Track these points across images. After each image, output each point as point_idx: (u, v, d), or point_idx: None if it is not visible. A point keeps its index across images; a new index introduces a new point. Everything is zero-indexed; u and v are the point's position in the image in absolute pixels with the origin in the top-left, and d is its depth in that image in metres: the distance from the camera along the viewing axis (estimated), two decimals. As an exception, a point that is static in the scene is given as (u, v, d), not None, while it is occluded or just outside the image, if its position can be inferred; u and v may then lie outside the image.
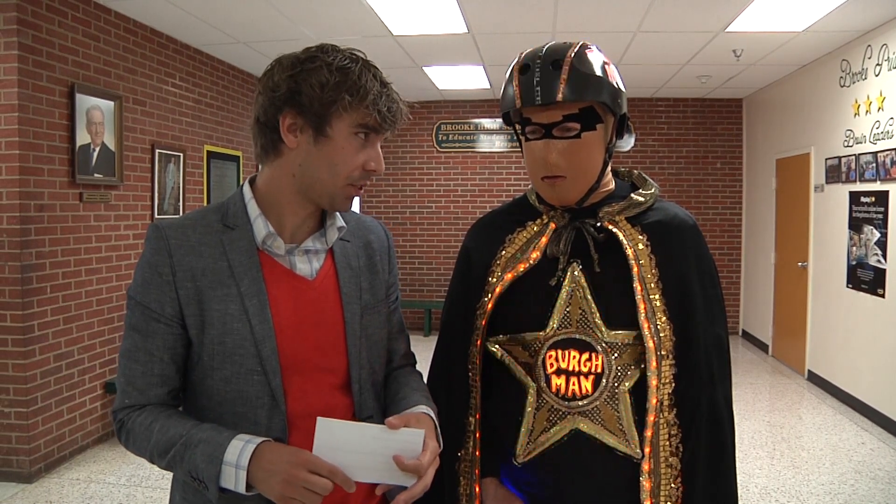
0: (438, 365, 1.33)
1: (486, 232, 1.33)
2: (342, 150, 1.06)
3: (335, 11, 4.37)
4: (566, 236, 1.22)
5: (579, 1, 4.17)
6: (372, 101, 1.05)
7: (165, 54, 4.82)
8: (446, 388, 1.28)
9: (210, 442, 1.00)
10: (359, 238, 1.23)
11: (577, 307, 1.19)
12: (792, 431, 4.54)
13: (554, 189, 1.20)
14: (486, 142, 7.73)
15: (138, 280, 1.08)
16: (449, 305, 1.35)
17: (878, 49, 4.55)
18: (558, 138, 1.16)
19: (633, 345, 1.17)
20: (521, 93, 1.16)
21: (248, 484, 0.97)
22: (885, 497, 3.45)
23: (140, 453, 1.07)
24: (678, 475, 1.16)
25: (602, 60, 1.18)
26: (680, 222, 1.26)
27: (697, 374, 1.17)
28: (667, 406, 1.16)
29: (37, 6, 3.59)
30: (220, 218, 1.11)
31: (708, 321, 1.21)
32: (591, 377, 1.17)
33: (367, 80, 1.05)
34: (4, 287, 3.55)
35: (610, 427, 1.17)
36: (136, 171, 4.51)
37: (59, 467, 3.82)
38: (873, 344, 4.63)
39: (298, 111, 1.05)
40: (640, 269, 1.18)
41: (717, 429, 1.19)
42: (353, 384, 1.14)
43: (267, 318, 1.07)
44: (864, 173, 4.71)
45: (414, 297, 7.77)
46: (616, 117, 1.21)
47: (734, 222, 7.57)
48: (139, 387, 1.07)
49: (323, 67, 1.04)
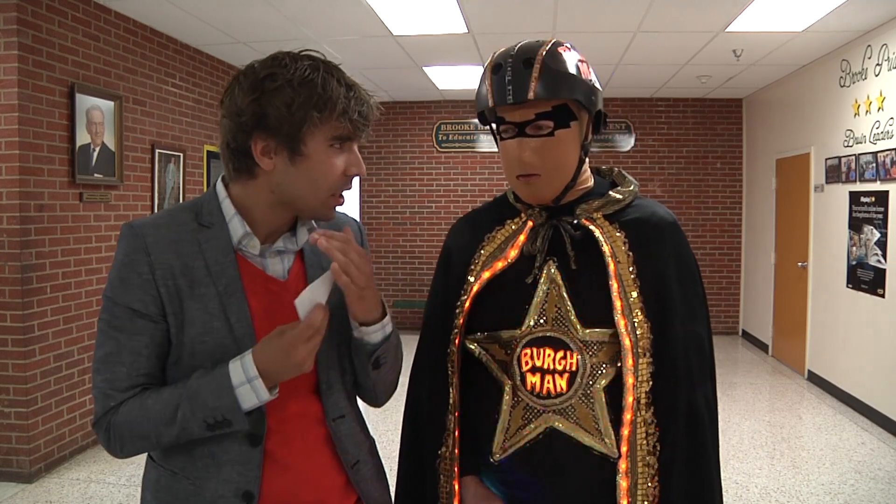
0: (419, 363, 1.33)
1: (467, 230, 1.34)
2: (321, 165, 1.04)
3: (335, 11, 4.37)
4: (543, 234, 1.22)
5: (579, 1, 4.17)
6: (341, 112, 1.02)
7: (165, 54, 4.82)
8: (427, 387, 1.29)
9: (210, 381, 1.00)
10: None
11: (553, 305, 1.19)
12: (792, 431, 4.54)
13: (529, 187, 1.20)
14: (486, 142, 7.73)
15: (115, 281, 1.05)
16: (430, 303, 1.36)
17: (878, 49, 4.55)
18: (532, 136, 1.16)
19: (610, 342, 1.16)
20: (493, 92, 1.16)
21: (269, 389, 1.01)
22: (885, 497, 3.45)
23: (141, 441, 1.04)
24: (656, 474, 1.14)
25: (576, 58, 1.17)
26: (658, 220, 1.24)
27: (675, 373, 1.16)
28: (644, 405, 1.14)
29: (37, 6, 3.59)
30: (193, 217, 1.09)
31: (688, 319, 1.19)
32: (565, 375, 1.17)
33: (332, 89, 1.01)
34: (4, 287, 3.55)
35: (585, 425, 1.16)
36: (136, 171, 4.51)
37: (59, 467, 3.82)
38: (873, 344, 4.63)
39: (269, 134, 1.02)
40: (617, 266, 1.17)
41: (695, 428, 1.16)
42: (320, 385, 1.14)
43: (246, 316, 1.07)
44: (864, 173, 4.71)
45: (414, 297, 7.77)
46: (591, 115, 1.20)
47: (734, 222, 7.57)
48: (122, 388, 1.04)
49: (285, 86, 1.00)
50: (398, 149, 7.82)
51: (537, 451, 1.19)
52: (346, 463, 1.16)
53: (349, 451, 1.16)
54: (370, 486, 1.20)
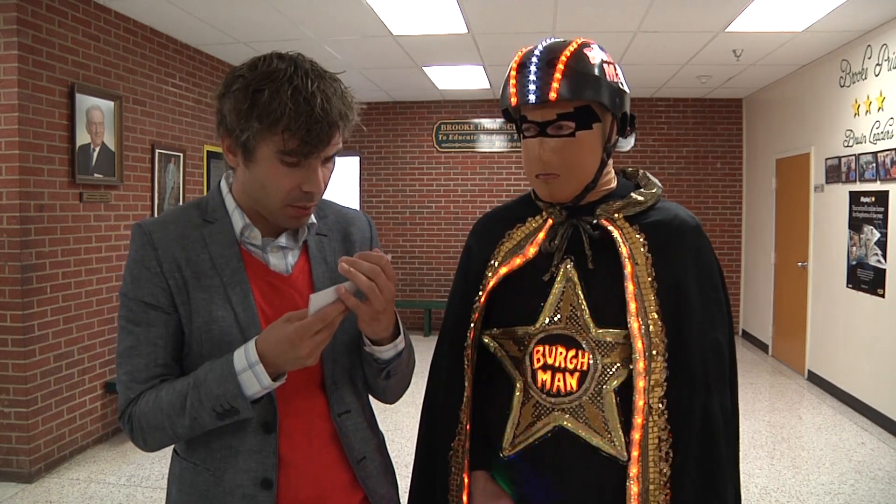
0: (438, 356, 1.34)
1: (489, 227, 1.34)
2: (269, 176, 1.03)
3: (335, 11, 4.37)
4: (562, 232, 1.22)
5: (579, 1, 4.17)
6: (285, 126, 0.97)
7: (165, 54, 4.82)
8: (444, 380, 1.29)
9: (216, 369, 1.02)
10: (337, 232, 1.23)
11: (567, 304, 1.19)
12: (792, 431, 4.54)
13: (548, 186, 1.20)
14: (486, 142, 7.73)
15: (128, 279, 1.09)
16: (450, 298, 1.37)
17: (878, 49, 4.55)
18: (552, 136, 1.16)
19: (623, 344, 1.15)
20: (517, 91, 1.16)
21: (272, 376, 1.00)
22: (885, 497, 3.45)
23: (159, 432, 1.05)
24: (668, 482, 1.12)
25: (602, 59, 1.17)
26: (681, 223, 1.23)
27: (690, 379, 1.14)
28: (657, 410, 1.12)
29: (37, 6, 3.60)
30: (199, 213, 1.13)
31: (707, 325, 1.17)
32: (576, 374, 1.17)
33: (280, 103, 0.96)
34: (4, 287, 3.55)
35: (594, 426, 1.15)
36: (136, 171, 4.51)
37: (59, 467, 3.82)
38: (873, 344, 4.63)
39: (228, 134, 1.05)
40: (635, 268, 1.16)
41: (709, 436, 1.14)
42: (325, 380, 1.14)
43: (250, 304, 1.08)
44: (864, 173, 4.71)
45: (414, 297, 7.77)
46: (616, 117, 1.20)
47: (734, 222, 7.57)
48: (142, 380, 1.07)
49: (241, 91, 1.00)
50: (398, 149, 7.82)
51: (545, 449, 1.18)
52: (351, 459, 1.16)
53: (355, 447, 1.16)
54: (376, 483, 1.20)
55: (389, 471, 1.26)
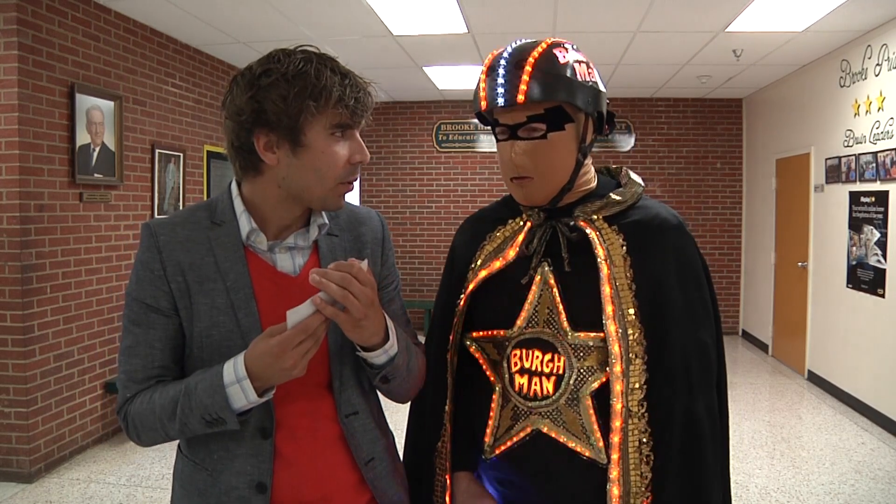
0: (427, 358, 1.34)
1: (471, 229, 1.34)
2: (324, 154, 1.06)
3: (335, 11, 4.37)
4: (540, 235, 1.21)
5: (579, 1, 4.17)
6: (337, 99, 1.03)
7: (165, 54, 4.82)
8: (430, 381, 1.29)
9: (206, 379, 1.03)
10: (349, 232, 1.22)
11: (545, 307, 1.18)
12: (792, 431, 4.54)
13: (522, 189, 1.19)
14: (486, 142, 7.73)
15: (133, 279, 1.11)
16: (436, 300, 1.37)
17: (878, 49, 4.55)
18: (524, 139, 1.15)
19: (600, 347, 1.13)
20: (486, 94, 1.15)
21: (259, 391, 1.01)
22: (885, 497, 3.45)
23: (152, 433, 1.07)
24: (650, 485, 1.10)
25: (574, 59, 1.14)
26: (661, 222, 1.19)
27: (672, 381, 1.11)
28: (637, 413, 1.10)
29: (37, 6, 3.59)
30: (208, 215, 1.13)
31: (690, 325, 1.14)
32: (552, 378, 1.16)
33: (326, 79, 1.02)
34: (4, 287, 3.55)
35: (572, 430, 1.15)
36: (136, 171, 4.51)
37: (59, 467, 3.82)
38: (873, 344, 4.63)
39: (269, 129, 1.04)
40: (612, 269, 1.14)
41: (693, 438, 1.11)
42: (333, 381, 1.14)
43: (253, 310, 1.08)
44: (864, 173, 4.71)
45: (414, 297, 7.77)
46: (590, 116, 1.17)
47: (734, 222, 7.57)
48: (139, 380, 1.08)
49: (280, 80, 1.02)
50: (398, 149, 7.82)
51: (524, 452, 1.18)
52: (359, 460, 1.16)
53: (363, 448, 1.16)
54: (385, 484, 1.19)
55: (399, 472, 1.26)
